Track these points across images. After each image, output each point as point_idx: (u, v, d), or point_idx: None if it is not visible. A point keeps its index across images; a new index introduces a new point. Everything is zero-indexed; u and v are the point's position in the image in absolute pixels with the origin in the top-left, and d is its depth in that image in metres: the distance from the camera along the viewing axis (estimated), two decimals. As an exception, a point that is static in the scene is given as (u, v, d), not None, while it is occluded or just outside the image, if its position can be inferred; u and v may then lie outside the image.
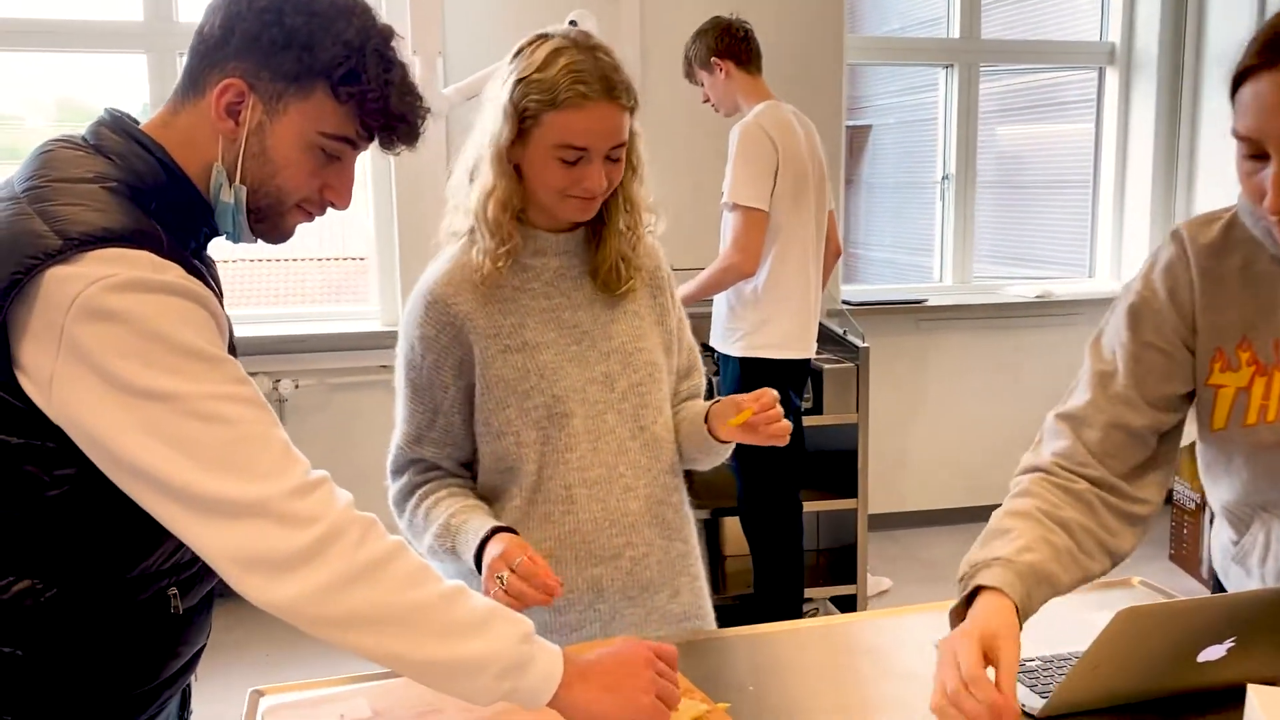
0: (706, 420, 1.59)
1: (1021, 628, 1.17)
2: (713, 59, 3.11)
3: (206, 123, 1.11)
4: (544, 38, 1.46)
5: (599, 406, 1.55)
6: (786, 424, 1.50)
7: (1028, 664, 1.35)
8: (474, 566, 1.45)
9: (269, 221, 1.16)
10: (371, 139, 1.15)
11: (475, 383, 1.52)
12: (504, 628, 1.07)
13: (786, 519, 3.23)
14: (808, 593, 3.43)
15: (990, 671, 1.11)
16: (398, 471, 1.60)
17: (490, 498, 1.57)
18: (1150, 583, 1.69)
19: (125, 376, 0.96)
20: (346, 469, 4.00)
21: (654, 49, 3.89)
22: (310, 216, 1.18)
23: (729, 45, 3.09)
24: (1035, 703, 1.28)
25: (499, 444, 1.53)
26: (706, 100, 3.22)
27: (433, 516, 1.53)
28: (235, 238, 1.16)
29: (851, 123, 4.89)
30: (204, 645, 1.29)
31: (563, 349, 1.54)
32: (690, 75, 3.21)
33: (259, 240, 1.18)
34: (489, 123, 1.48)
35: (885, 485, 4.33)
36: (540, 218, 1.54)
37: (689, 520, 1.69)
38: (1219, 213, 1.31)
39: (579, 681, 1.10)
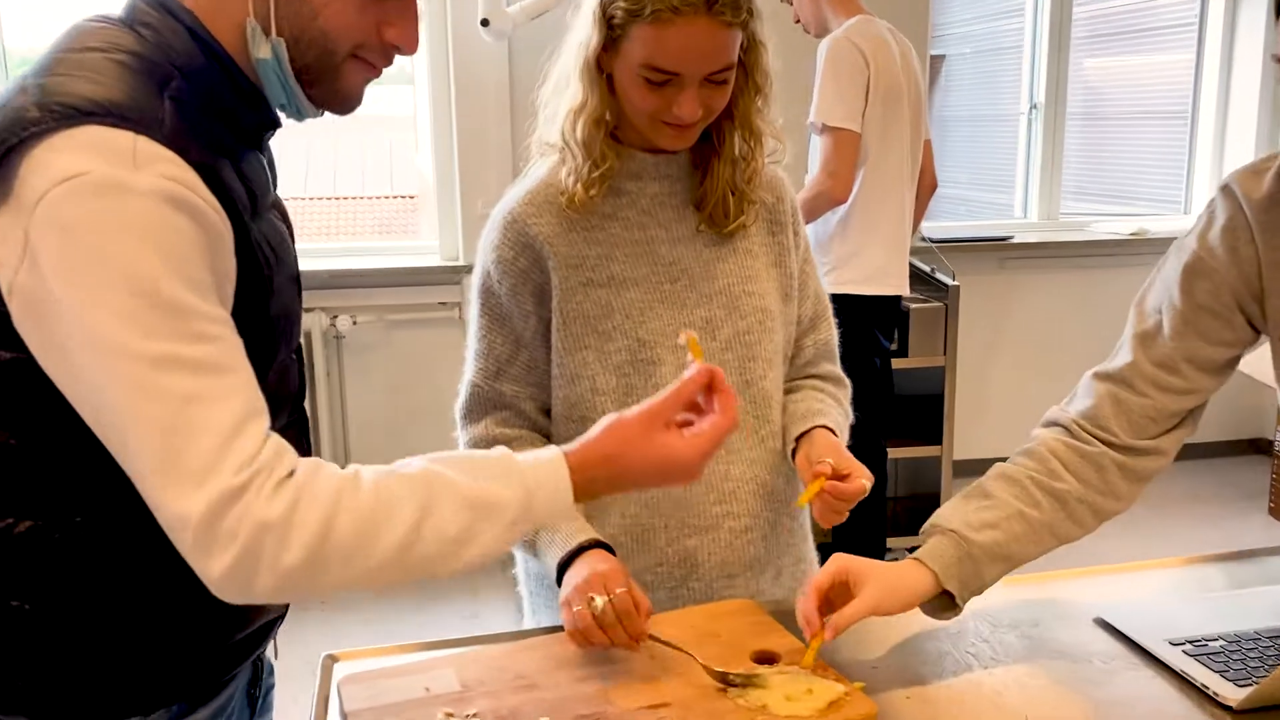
0: (794, 452, 1.38)
1: (964, 603, 1.20)
2: (801, -30, 2.87)
3: None
4: None
5: None
6: (857, 493, 1.26)
7: (1209, 643, 1.21)
8: (554, 577, 1.26)
9: (324, 82, 0.97)
10: None
11: (553, 316, 1.34)
12: (487, 527, 0.93)
13: (869, 467, 3.04)
14: (888, 543, 3.26)
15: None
16: (471, 415, 1.40)
17: None
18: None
19: (72, 313, 0.81)
20: (406, 407, 3.91)
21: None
22: (374, 70, 0.99)
23: (820, -42, 2.85)
24: (1227, 690, 1.13)
25: (572, 390, 1.35)
26: (797, 21, 2.98)
27: None
28: (293, 110, 0.98)
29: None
30: (282, 615, 1.13)
31: (654, 287, 1.35)
32: None
33: (322, 110, 0.99)
34: (581, 25, 1.29)
35: (964, 430, 4.13)
36: (637, 136, 1.34)
37: (797, 492, 1.47)
38: (1264, 163, 1.24)
39: (592, 467, 1.00)
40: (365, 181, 11.66)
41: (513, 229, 1.34)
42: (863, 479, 1.25)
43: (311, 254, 3.94)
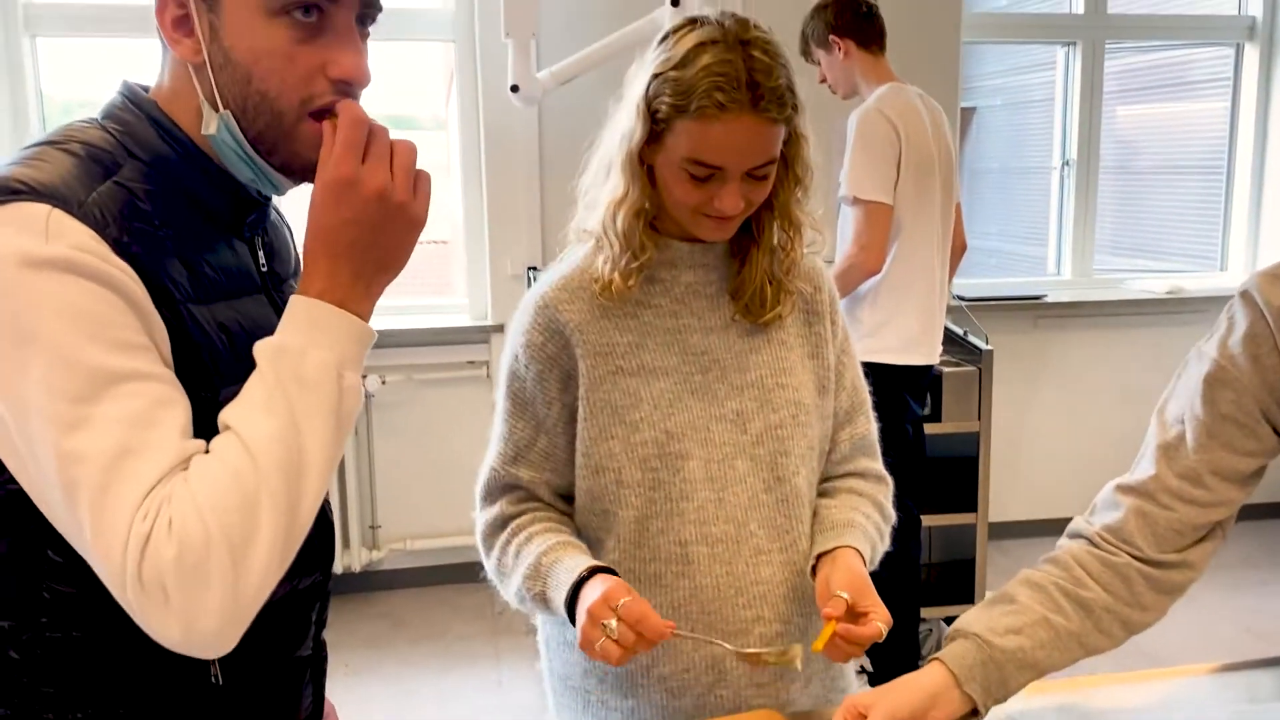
0: (814, 569, 1.33)
1: (986, 710, 1.18)
2: (831, 36, 2.86)
3: (177, 62, 0.95)
4: (692, 25, 1.23)
5: (726, 450, 1.32)
6: (871, 637, 1.20)
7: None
8: (566, 615, 1.23)
9: (281, 147, 0.95)
10: None
11: (579, 405, 1.32)
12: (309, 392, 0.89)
13: (903, 536, 2.98)
14: (923, 613, 3.20)
15: None
16: (489, 498, 1.39)
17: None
18: None
19: None
20: (432, 466, 3.91)
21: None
22: (328, 119, 0.95)
23: (849, 21, 2.84)
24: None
25: (596, 481, 1.32)
26: (823, 81, 2.97)
27: (523, 556, 1.32)
28: (266, 184, 0.98)
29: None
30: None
31: (685, 378, 1.32)
32: (806, 54, 2.96)
33: (293, 181, 0.98)
34: (624, 117, 1.28)
35: (1000, 493, 4.06)
36: (674, 226, 1.33)
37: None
38: None
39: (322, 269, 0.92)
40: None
41: (543, 314, 1.33)
42: (879, 622, 1.19)
43: (342, 313, 3.97)
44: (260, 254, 1.05)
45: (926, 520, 3.18)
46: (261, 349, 0.90)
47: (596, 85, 3.28)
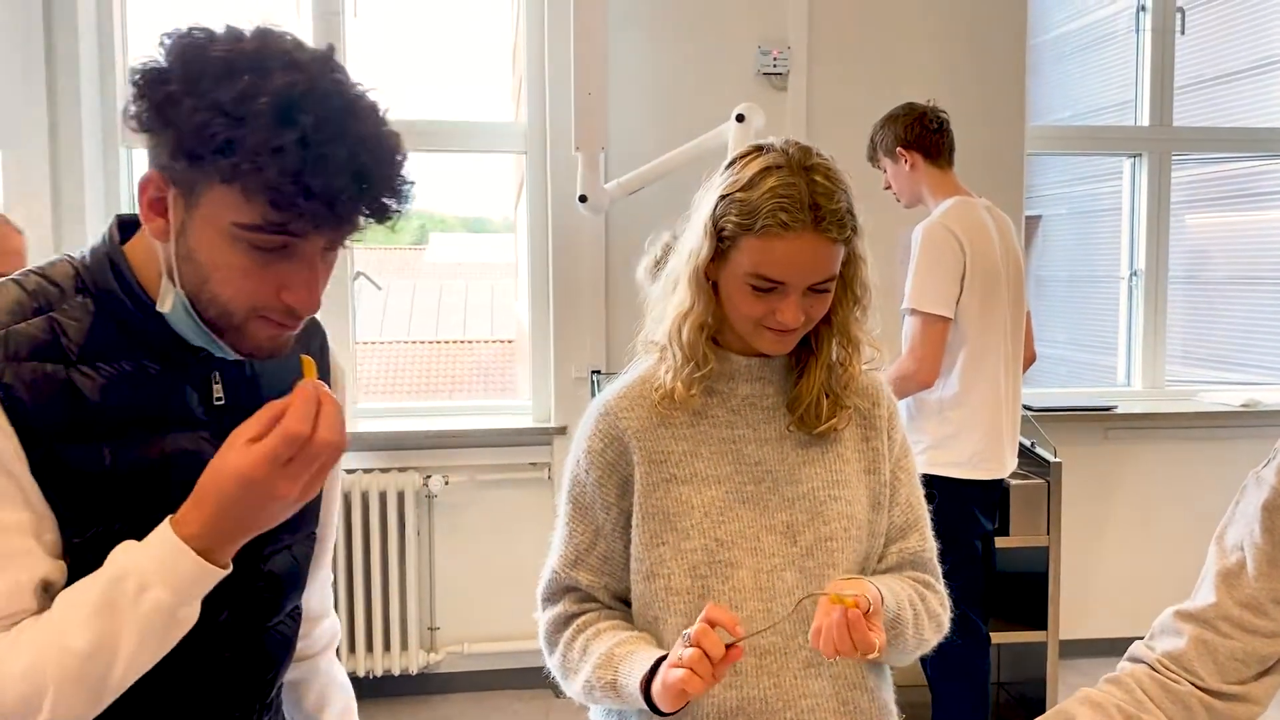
0: None
1: None
2: (899, 148, 2.90)
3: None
4: (758, 151, 1.30)
5: (775, 560, 1.33)
6: (869, 641, 1.18)
7: None
8: (640, 697, 1.23)
9: (229, 336, 0.98)
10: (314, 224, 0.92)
11: (634, 510, 1.35)
12: (120, 613, 0.92)
13: (972, 655, 2.91)
14: (991, 735, 3.09)
15: None
16: (550, 599, 1.42)
17: None
18: None
19: None
20: (493, 567, 3.90)
21: (820, 141, 3.72)
22: (283, 326, 0.98)
23: (919, 136, 2.87)
24: None
25: (648, 587, 1.35)
26: (887, 187, 3.00)
27: (591, 650, 1.33)
28: (219, 350, 1.00)
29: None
30: None
31: (737, 487, 1.35)
32: (873, 159, 3.00)
33: (245, 355, 1.00)
34: (691, 236, 1.34)
35: (1070, 610, 3.93)
36: (735, 341, 1.38)
37: (889, 712, 1.42)
38: None
39: (189, 512, 0.94)
40: (467, 325, 12.00)
41: (605, 421, 1.38)
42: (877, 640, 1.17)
43: (408, 414, 4.04)
44: (218, 387, 1.05)
45: (995, 638, 3.09)
46: (111, 562, 0.92)
47: (662, 196, 3.39)
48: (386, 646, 3.69)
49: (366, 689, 3.72)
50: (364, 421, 3.80)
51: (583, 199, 3.32)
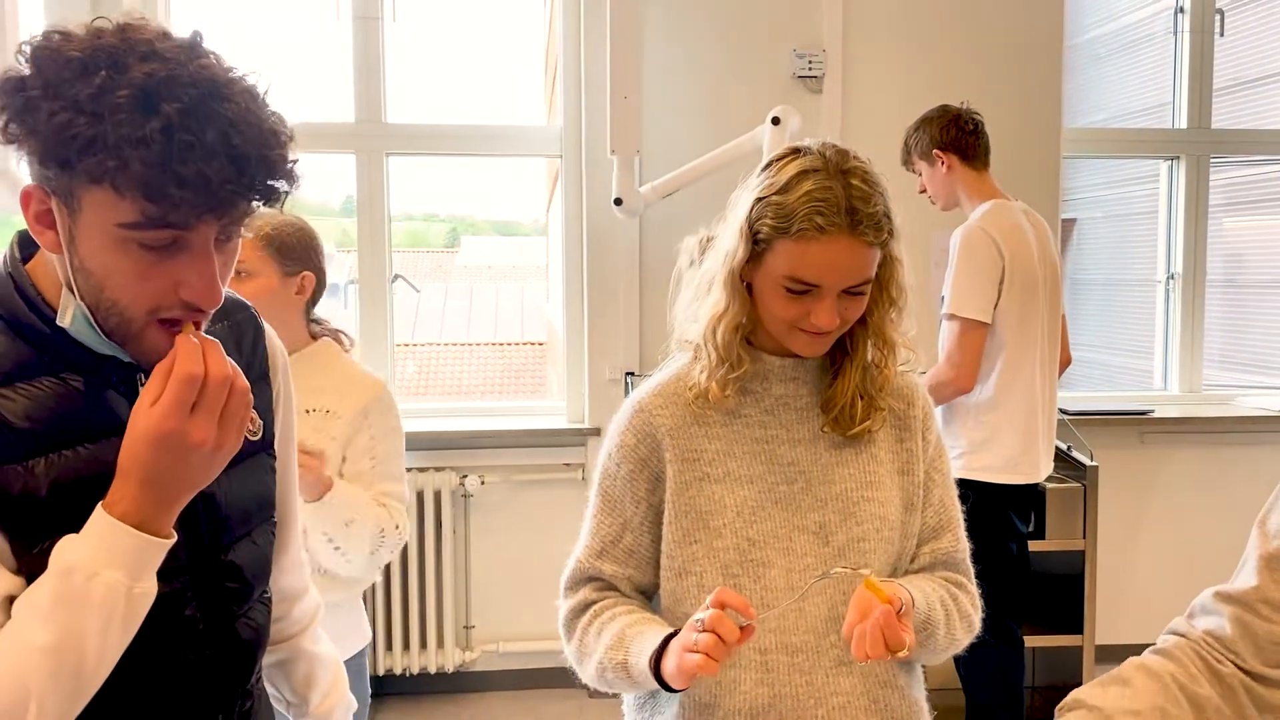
0: None
1: None
2: (935, 150, 2.89)
3: None
4: (795, 154, 1.31)
5: (807, 560, 1.34)
6: (900, 640, 1.20)
7: None
8: (650, 674, 1.25)
9: (130, 345, 0.97)
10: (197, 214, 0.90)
11: (665, 508, 1.37)
12: (76, 607, 0.91)
13: (1006, 658, 2.90)
14: (1026, 738, 3.08)
15: None
16: (572, 587, 1.44)
17: None
18: None
19: None
20: (527, 566, 3.93)
21: (854, 144, 3.73)
22: (180, 327, 0.95)
23: (955, 138, 2.87)
24: None
25: (679, 584, 1.36)
26: (923, 191, 3.00)
27: (605, 633, 1.35)
28: (125, 355, 0.99)
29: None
30: None
31: (770, 487, 1.36)
32: (908, 163, 3.00)
33: (149, 364, 0.98)
34: (727, 238, 1.35)
35: (1106, 614, 3.91)
36: (769, 341, 1.39)
37: (921, 711, 1.42)
38: None
39: (119, 488, 0.93)
40: (497, 328, 12.05)
41: (638, 417, 1.40)
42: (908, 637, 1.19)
43: (444, 414, 4.08)
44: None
45: (1030, 641, 3.08)
46: (55, 560, 0.91)
47: (697, 198, 3.41)
48: (423, 645, 3.73)
49: (402, 686, 3.77)
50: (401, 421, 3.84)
51: (618, 202, 3.35)
